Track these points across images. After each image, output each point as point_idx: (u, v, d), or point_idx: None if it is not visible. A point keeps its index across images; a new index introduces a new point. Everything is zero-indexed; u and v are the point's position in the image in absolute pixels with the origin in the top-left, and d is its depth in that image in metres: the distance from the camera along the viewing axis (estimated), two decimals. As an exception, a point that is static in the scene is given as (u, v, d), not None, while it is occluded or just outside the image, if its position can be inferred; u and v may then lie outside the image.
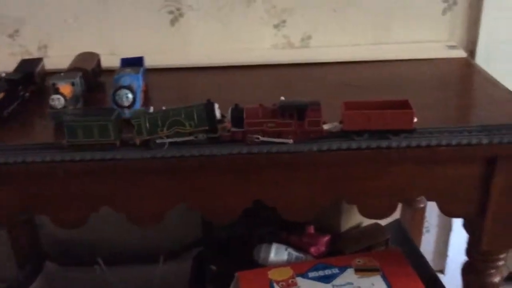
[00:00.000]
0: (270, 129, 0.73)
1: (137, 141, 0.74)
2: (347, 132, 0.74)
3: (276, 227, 1.03)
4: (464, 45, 1.18)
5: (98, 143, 0.74)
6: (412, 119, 0.73)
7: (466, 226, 0.87)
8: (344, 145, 0.74)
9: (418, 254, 1.05)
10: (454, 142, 0.74)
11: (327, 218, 1.04)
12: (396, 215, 1.17)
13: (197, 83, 1.08)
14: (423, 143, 0.74)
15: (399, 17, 1.16)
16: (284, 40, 1.19)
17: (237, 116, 0.74)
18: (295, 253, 0.97)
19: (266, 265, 0.95)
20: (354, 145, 0.74)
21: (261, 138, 0.73)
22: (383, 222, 1.11)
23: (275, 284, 0.88)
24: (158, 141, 0.74)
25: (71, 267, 1.27)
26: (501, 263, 0.86)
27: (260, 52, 1.17)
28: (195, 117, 0.73)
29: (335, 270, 0.91)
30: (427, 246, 1.39)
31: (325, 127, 0.75)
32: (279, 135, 0.73)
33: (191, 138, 0.74)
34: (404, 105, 0.75)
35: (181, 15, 1.16)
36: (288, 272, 0.91)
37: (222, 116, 0.75)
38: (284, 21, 1.17)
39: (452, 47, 1.14)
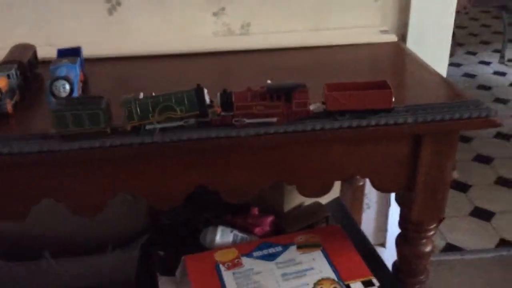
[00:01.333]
0: (259, 111, 0.75)
1: (128, 127, 0.74)
2: (330, 112, 0.77)
3: (222, 210, 1.06)
4: (396, 30, 1.23)
5: (88, 131, 0.73)
6: (391, 98, 0.77)
7: (398, 199, 0.93)
8: (282, 129, 0.77)
9: (357, 229, 1.10)
10: (382, 122, 0.78)
11: (270, 199, 1.08)
12: (336, 193, 1.22)
13: (138, 73, 1.07)
14: (354, 124, 0.78)
15: (336, 4, 1.20)
16: (224, 27, 1.20)
17: (226, 100, 0.75)
18: (240, 234, 1.00)
19: (212, 248, 0.98)
20: (290, 128, 0.77)
21: (247, 120, 0.75)
22: (324, 200, 1.16)
23: (221, 265, 0.91)
24: (148, 127, 0.74)
25: (17, 262, 1.25)
26: (431, 233, 0.93)
27: (200, 40, 1.18)
28: (186, 102, 0.74)
29: (279, 248, 0.95)
30: (368, 222, 1.46)
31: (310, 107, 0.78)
32: (267, 117, 0.76)
33: (181, 123, 0.75)
34: (382, 85, 0.78)
35: (118, 3, 1.15)
36: (233, 253, 0.94)
37: (211, 101, 0.76)
38: (223, 8, 1.18)
39: (384, 31, 1.19)
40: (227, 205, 0.86)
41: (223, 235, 0.99)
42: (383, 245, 1.47)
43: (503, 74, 2.90)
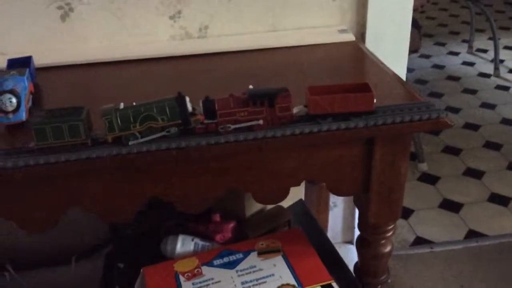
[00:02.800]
0: (242, 117, 0.75)
1: (109, 139, 0.73)
2: (312, 116, 0.77)
3: (183, 218, 1.05)
4: (355, 28, 1.23)
5: (68, 143, 0.72)
6: (373, 101, 0.77)
7: (356, 202, 0.93)
8: (232, 138, 0.76)
9: (320, 230, 1.10)
10: (334, 127, 0.78)
11: (232, 205, 1.07)
12: (300, 195, 1.22)
13: (95, 80, 1.06)
14: (306, 130, 0.78)
15: (294, 4, 1.20)
16: (181, 31, 1.19)
17: (209, 108, 0.74)
18: (201, 243, 0.99)
19: (173, 258, 0.97)
20: (241, 137, 0.76)
21: (232, 126, 0.74)
22: (287, 203, 1.15)
23: (180, 276, 0.90)
24: (132, 138, 0.73)
25: (-22, 277, 1.22)
26: (389, 234, 0.93)
27: (158, 44, 1.17)
28: (168, 111, 0.73)
29: (239, 255, 0.94)
30: (336, 220, 1.47)
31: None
32: (251, 123, 0.75)
33: (163, 133, 0.73)
34: (364, 88, 0.78)
35: (71, 9, 1.12)
36: (193, 262, 0.93)
37: (193, 108, 0.75)
38: (179, 12, 1.17)
39: (342, 31, 1.19)
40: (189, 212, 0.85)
41: (184, 244, 0.98)
42: (351, 242, 1.47)
43: (471, 64, 2.93)
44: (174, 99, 0.73)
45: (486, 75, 2.80)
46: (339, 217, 1.46)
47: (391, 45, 1.24)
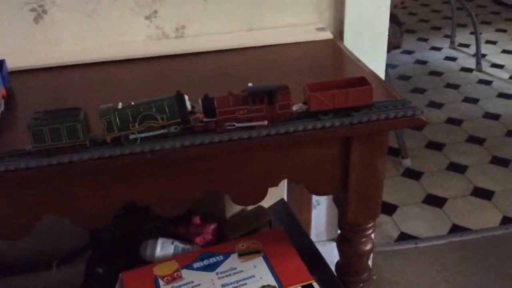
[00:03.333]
0: (242, 115, 0.74)
1: (108, 139, 0.72)
2: (313, 113, 0.77)
3: (163, 221, 1.04)
4: (333, 26, 1.23)
5: (67, 145, 0.71)
6: (372, 94, 0.77)
7: (335, 201, 0.93)
8: (207, 139, 0.75)
9: (301, 230, 1.10)
10: (310, 127, 0.77)
11: (212, 206, 1.06)
12: (281, 194, 1.21)
13: (70, 82, 1.04)
14: (282, 130, 0.77)
15: (271, 2, 1.19)
16: (158, 31, 1.17)
17: (209, 106, 0.73)
18: (181, 245, 0.98)
19: (153, 261, 0.96)
20: (216, 138, 0.75)
21: (237, 125, 0.74)
22: (268, 203, 1.15)
23: (160, 280, 0.89)
24: (131, 136, 0.72)
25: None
26: (369, 232, 0.93)
27: (134, 45, 1.15)
28: (167, 110, 0.72)
29: (220, 258, 0.94)
30: (319, 218, 1.47)
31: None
32: (251, 121, 0.75)
33: (164, 131, 0.73)
34: (361, 82, 0.78)
35: (44, 11, 1.10)
36: (173, 265, 0.92)
37: (192, 107, 0.75)
38: (155, 12, 1.15)
39: (320, 29, 1.18)
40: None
41: (163, 247, 0.97)
42: (334, 240, 1.47)
43: (453, 59, 2.95)
44: (173, 98, 0.73)
45: (469, 70, 2.82)
46: (322, 215, 1.46)
47: (369, 43, 1.24)
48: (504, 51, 3.00)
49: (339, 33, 1.22)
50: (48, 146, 0.70)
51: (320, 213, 1.45)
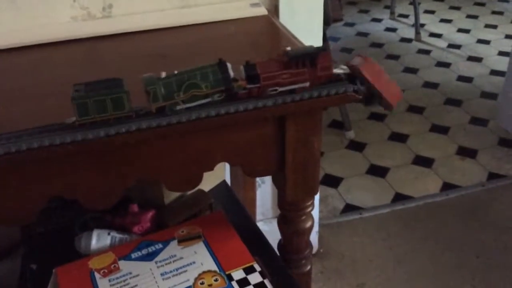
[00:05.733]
0: (285, 80, 0.73)
1: (153, 109, 0.70)
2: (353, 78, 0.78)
3: (99, 211, 1.00)
4: (268, 1, 1.20)
5: (111, 117, 0.69)
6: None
7: (274, 180, 0.92)
8: (134, 126, 0.71)
9: (243, 211, 1.09)
10: (242, 108, 0.75)
11: (150, 192, 1.03)
12: (223, 176, 1.19)
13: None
14: (213, 112, 0.74)
15: (204, -22, 1.14)
16: (83, 11, 1.10)
17: (251, 72, 0.72)
18: (118, 236, 0.95)
19: (89, 254, 0.92)
20: (144, 125, 0.72)
21: (279, 89, 0.73)
22: (210, 186, 1.13)
23: (96, 273, 0.86)
24: (178, 107, 0.71)
25: None
26: (309, 209, 0.93)
27: (57, 27, 1.08)
28: (211, 78, 0.70)
29: (159, 246, 0.91)
30: (265, 197, 1.47)
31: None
32: (293, 84, 0.74)
33: (208, 100, 0.72)
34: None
35: (-47, -7, 1.01)
36: (110, 257, 0.89)
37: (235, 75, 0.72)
38: (79, -9, 1.09)
39: (254, 5, 1.15)
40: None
41: (99, 239, 0.93)
42: (281, 217, 1.48)
43: (394, 30, 3.00)
44: (216, 65, 0.71)
45: (408, 40, 2.87)
46: (268, 193, 1.46)
47: (305, 17, 1.22)
48: (442, 20, 3.08)
49: (274, 8, 1.20)
50: (93, 118, 0.68)
51: (265, 192, 1.45)
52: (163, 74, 0.71)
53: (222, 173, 1.17)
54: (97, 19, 1.11)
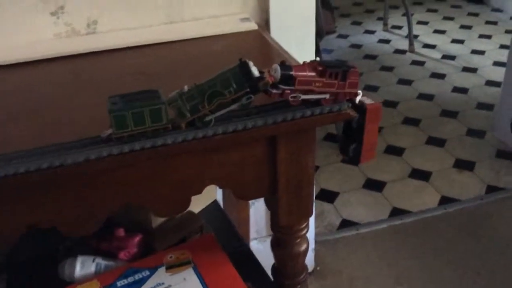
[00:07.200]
0: (317, 88, 0.71)
1: (183, 125, 0.69)
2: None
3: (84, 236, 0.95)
4: (259, 15, 1.17)
5: (149, 129, 0.67)
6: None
7: (266, 202, 0.88)
8: (116, 150, 0.67)
9: (234, 233, 1.05)
10: (230, 129, 0.71)
11: (137, 215, 0.99)
12: (215, 195, 1.15)
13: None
14: (199, 134, 0.70)
15: (191, -7, 1.11)
16: (67, 28, 1.07)
17: (287, 72, 0.69)
18: (104, 262, 0.90)
19: (73, 282, 0.88)
20: (126, 148, 0.68)
21: (303, 96, 0.71)
22: (201, 206, 1.09)
23: (79, 304, 0.81)
24: (207, 118, 0.69)
25: None
26: (303, 232, 0.89)
27: (41, 45, 1.04)
28: (232, 82, 0.68)
29: (146, 273, 0.87)
30: (259, 215, 1.42)
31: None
32: (320, 94, 0.72)
33: (236, 105, 0.69)
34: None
35: None
36: (95, 285, 0.85)
37: (261, 72, 0.69)
38: (62, 7, 1.05)
39: (244, 19, 1.12)
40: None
41: (83, 266, 0.89)
42: (276, 235, 1.43)
43: (387, 41, 2.98)
44: (236, 67, 0.68)
45: (402, 52, 2.85)
46: (261, 211, 1.41)
47: (297, 31, 1.19)
48: (436, 31, 3.06)
49: (265, 22, 1.17)
50: (130, 131, 0.66)
51: (259, 209, 1.41)
52: (186, 88, 0.69)
53: (213, 193, 1.13)
54: (82, 35, 1.08)
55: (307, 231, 0.89)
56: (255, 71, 0.69)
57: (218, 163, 0.76)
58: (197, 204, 1.06)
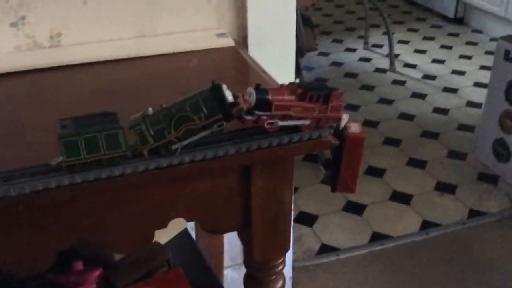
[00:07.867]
0: (295, 113, 0.65)
1: (145, 152, 0.62)
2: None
3: (38, 269, 0.86)
4: (236, 31, 1.10)
5: (105, 157, 0.59)
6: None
7: (240, 235, 0.80)
8: (66, 180, 0.60)
9: (205, 266, 0.97)
10: (199, 157, 0.64)
11: (97, 247, 0.90)
12: (185, 224, 1.07)
13: None
14: (163, 163, 0.63)
15: (165, 6, 1.05)
16: (28, 40, 0.99)
17: (263, 97, 0.63)
18: (58, 300, 0.82)
19: (22, 323, 0.79)
20: (78, 178, 0.60)
21: (280, 123, 0.65)
22: (170, 235, 1.01)
23: None
24: (173, 147, 0.61)
25: None
26: (279, 268, 0.81)
27: (0, 58, 0.96)
28: (203, 107, 0.61)
29: (105, 313, 0.78)
30: (234, 241, 1.34)
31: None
32: (300, 120, 0.66)
33: (205, 133, 0.62)
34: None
35: None
36: (45, 328, 0.76)
37: (235, 97, 0.62)
38: (23, 18, 0.97)
39: (220, 35, 1.06)
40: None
41: (34, 305, 0.80)
42: (251, 263, 1.36)
43: (368, 60, 2.95)
44: (208, 91, 0.62)
45: (382, 71, 2.82)
46: (236, 237, 1.33)
47: (277, 48, 1.13)
48: (416, 51, 3.05)
49: (243, 39, 1.10)
50: (83, 159, 0.58)
51: (234, 236, 1.32)
52: (150, 111, 0.62)
53: (183, 221, 1.05)
54: (44, 48, 1.00)
55: (283, 267, 0.82)
56: (228, 96, 0.62)
57: (185, 194, 0.69)
58: (165, 234, 0.98)
